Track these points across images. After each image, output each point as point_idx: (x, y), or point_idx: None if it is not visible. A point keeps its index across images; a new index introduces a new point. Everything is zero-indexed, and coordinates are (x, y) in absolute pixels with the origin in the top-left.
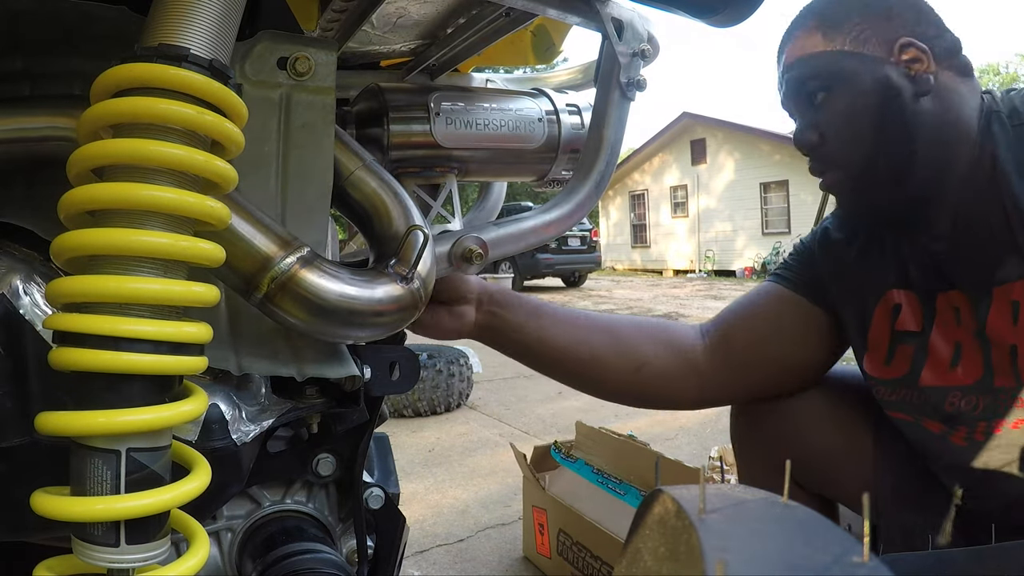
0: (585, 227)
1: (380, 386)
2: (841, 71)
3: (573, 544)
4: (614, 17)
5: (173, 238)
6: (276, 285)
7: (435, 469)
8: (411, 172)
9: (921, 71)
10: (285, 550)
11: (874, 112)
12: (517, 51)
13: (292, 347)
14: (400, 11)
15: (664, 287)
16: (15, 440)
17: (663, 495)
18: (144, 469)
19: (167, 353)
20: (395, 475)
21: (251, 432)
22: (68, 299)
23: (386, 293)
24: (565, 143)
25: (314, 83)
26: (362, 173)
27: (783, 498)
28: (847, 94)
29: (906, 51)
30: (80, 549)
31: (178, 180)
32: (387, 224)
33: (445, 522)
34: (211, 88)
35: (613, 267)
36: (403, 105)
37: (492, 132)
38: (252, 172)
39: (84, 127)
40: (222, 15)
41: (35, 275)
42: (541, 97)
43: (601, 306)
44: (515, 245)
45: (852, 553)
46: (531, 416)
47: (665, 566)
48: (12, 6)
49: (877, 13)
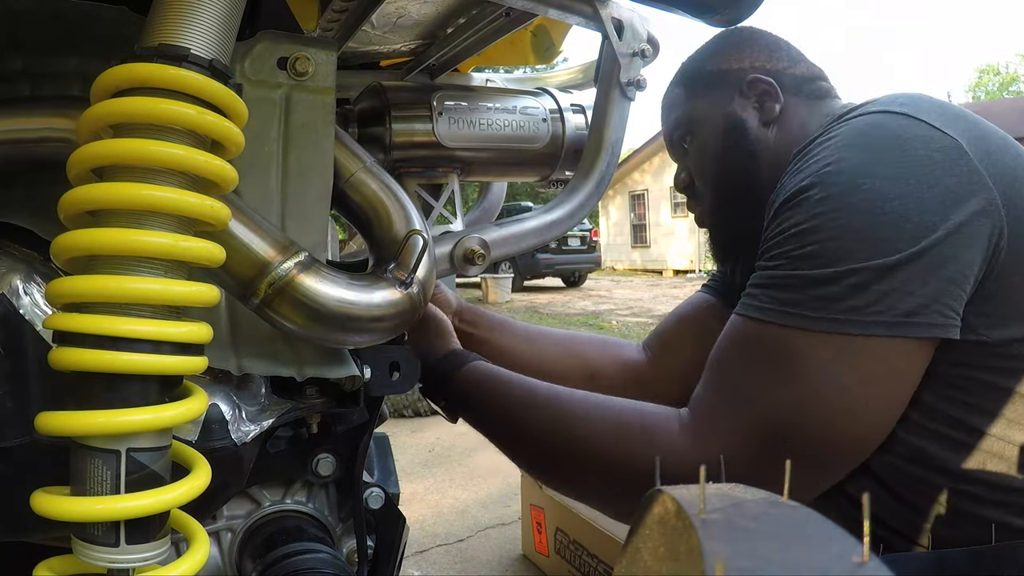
0: (585, 227)
1: (380, 386)
2: (699, 115)
3: (571, 543)
4: (614, 17)
5: (174, 238)
6: (274, 290)
7: (435, 469)
8: (413, 172)
9: (768, 103)
10: (285, 550)
11: (720, 145)
12: (517, 51)
13: (292, 347)
14: (400, 11)
15: (664, 287)
16: (15, 440)
17: (663, 495)
18: (144, 469)
19: (167, 353)
20: (395, 475)
21: (251, 432)
22: (68, 299)
23: (384, 298)
24: (569, 143)
25: (314, 83)
26: (362, 175)
27: (783, 498)
28: (703, 133)
29: (755, 86)
30: (80, 549)
31: (178, 180)
32: (387, 227)
33: (445, 522)
34: (211, 88)
35: (613, 267)
36: (406, 104)
37: (496, 132)
38: (252, 172)
39: (84, 127)
40: (222, 15)
41: (35, 275)
42: (544, 96)
43: (601, 306)
44: (517, 245)
45: (852, 553)
46: None
47: (665, 566)
48: (12, 6)
49: (730, 57)
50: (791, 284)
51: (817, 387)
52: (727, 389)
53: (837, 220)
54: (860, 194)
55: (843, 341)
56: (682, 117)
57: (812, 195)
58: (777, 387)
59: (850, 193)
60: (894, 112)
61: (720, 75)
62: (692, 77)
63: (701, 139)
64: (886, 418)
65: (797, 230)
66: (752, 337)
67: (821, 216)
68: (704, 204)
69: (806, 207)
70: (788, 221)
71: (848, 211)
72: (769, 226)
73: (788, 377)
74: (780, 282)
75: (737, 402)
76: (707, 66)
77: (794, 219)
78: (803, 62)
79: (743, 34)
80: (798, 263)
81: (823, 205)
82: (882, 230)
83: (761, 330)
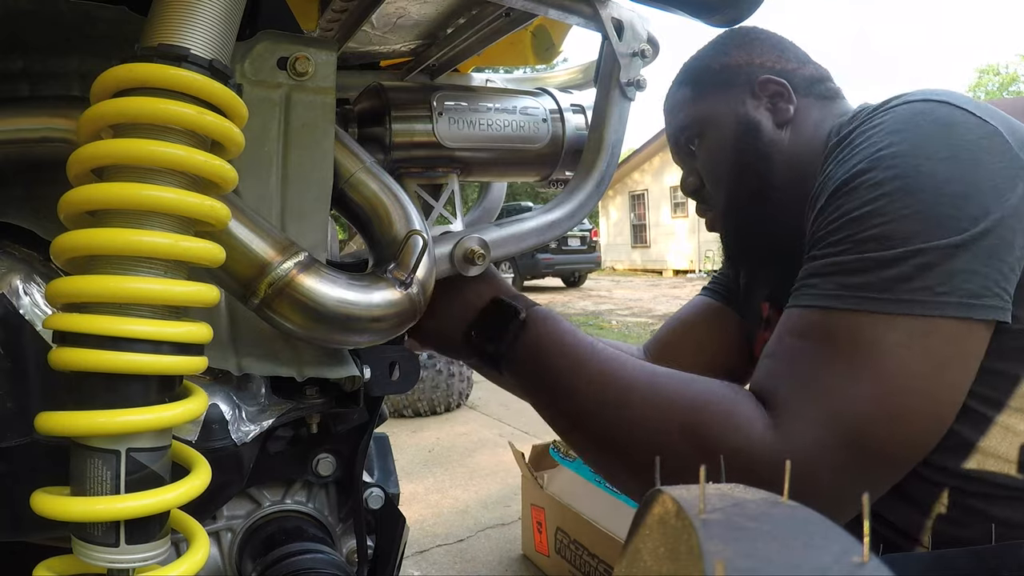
0: (585, 227)
1: (380, 386)
2: (708, 116)
3: (571, 542)
4: (614, 17)
5: (174, 238)
6: (274, 290)
7: (435, 469)
8: (413, 172)
9: (781, 104)
10: (285, 550)
11: (733, 147)
12: (517, 51)
13: (292, 347)
14: (400, 11)
15: (664, 287)
16: (15, 440)
17: (663, 495)
18: (144, 469)
19: (167, 353)
20: (395, 475)
21: (251, 432)
22: (68, 299)
23: (384, 298)
24: (569, 143)
25: (314, 83)
26: (362, 175)
27: (783, 498)
28: (714, 135)
29: (767, 87)
30: (80, 549)
31: (178, 180)
32: (387, 227)
33: (445, 522)
34: (211, 88)
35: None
36: (405, 104)
37: (496, 132)
38: (252, 172)
39: (84, 127)
40: (222, 15)
41: (35, 275)
42: (545, 96)
43: (601, 306)
44: (517, 246)
45: (852, 553)
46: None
47: (665, 566)
48: (12, 6)
49: (738, 57)
50: (858, 268)
51: (894, 375)
52: (801, 382)
53: (899, 201)
54: (919, 176)
55: (915, 323)
56: (690, 119)
57: (869, 178)
58: (855, 377)
59: (909, 175)
60: (936, 101)
61: (730, 75)
62: (699, 77)
63: (712, 141)
64: (956, 405)
65: (858, 214)
66: (821, 327)
67: (883, 198)
68: (717, 208)
69: (864, 190)
70: (846, 206)
71: (909, 192)
72: (820, 216)
73: (864, 365)
74: (846, 267)
75: (815, 395)
76: (715, 65)
77: (853, 203)
78: (810, 63)
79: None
80: (863, 246)
81: (883, 187)
82: (944, 210)
83: (830, 319)
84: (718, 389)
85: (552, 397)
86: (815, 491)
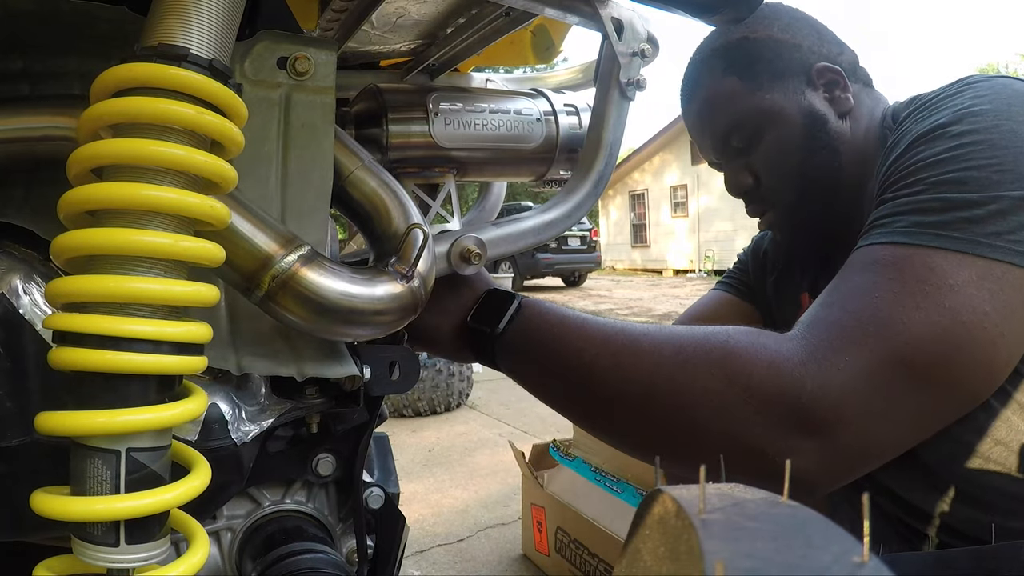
0: (585, 227)
1: (380, 386)
2: (770, 110)
3: (571, 542)
4: (614, 17)
5: (174, 238)
6: (277, 283)
7: (435, 469)
8: (410, 172)
9: (839, 93)
10: (285, 550)
11: (801, 143)
12: (517, 51)
13: (292, 347)
14: (400, 11)
15: (664, 287)
16: (15, 440)
17: (663, 495)
18: (144, 469)
19: (167, 353)
20: (395, 475)
21: (251, 432)
22: (68, 299)
23: (386, 291)
24: (563, 143)
25: (314, 83)
26: (361, 172)
27: (783, 498)
28: (775, 131)
29: (824, 75)
30: (80, 549)
31: (178, 180)
32: (387, 223)
33: (445, 522)
34: (211, 88)
35: (613, 267)
36: (402, 105)
37: (490, 132)
38: (252, 172)
39: (84, 127)
40: (222, 15)
41: (35, 275)
42: (539, 98)
43: (601, 306)
44: (514, 245)
45: (852, 553)
46: (531, 415)
47: (665, 566)
48: (12, 6)
49: (785, 44)
50: (934, 208)
51: (958, 309)
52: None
53: (980, 152)
54: (1001, 132)
55: (986, 265)
56: (746, 115)
57: (953, 129)
58: (915, 306)
59: (992, 129)
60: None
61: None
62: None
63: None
64: (1015, 355)
65: (938, 159)
66: (888, 259)
67: (965, 147)
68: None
69: (946, 140)
70: (925, 152)
71: (991, 145)
72: (897, 162)
73: (928, 295)
74: (921, 206)
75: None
76: (764, 52)
77: (933, 150)
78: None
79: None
80: (940, 188)
81: (965, 137)
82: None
83: (900, 252)
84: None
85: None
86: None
